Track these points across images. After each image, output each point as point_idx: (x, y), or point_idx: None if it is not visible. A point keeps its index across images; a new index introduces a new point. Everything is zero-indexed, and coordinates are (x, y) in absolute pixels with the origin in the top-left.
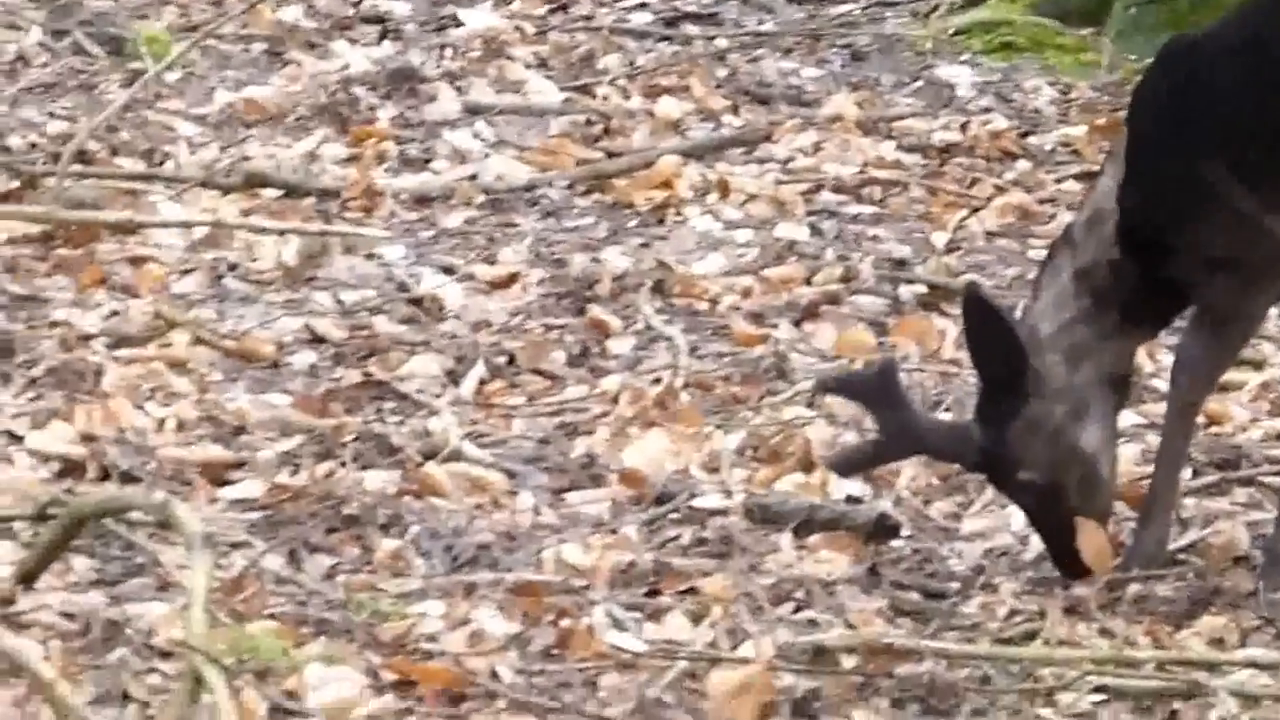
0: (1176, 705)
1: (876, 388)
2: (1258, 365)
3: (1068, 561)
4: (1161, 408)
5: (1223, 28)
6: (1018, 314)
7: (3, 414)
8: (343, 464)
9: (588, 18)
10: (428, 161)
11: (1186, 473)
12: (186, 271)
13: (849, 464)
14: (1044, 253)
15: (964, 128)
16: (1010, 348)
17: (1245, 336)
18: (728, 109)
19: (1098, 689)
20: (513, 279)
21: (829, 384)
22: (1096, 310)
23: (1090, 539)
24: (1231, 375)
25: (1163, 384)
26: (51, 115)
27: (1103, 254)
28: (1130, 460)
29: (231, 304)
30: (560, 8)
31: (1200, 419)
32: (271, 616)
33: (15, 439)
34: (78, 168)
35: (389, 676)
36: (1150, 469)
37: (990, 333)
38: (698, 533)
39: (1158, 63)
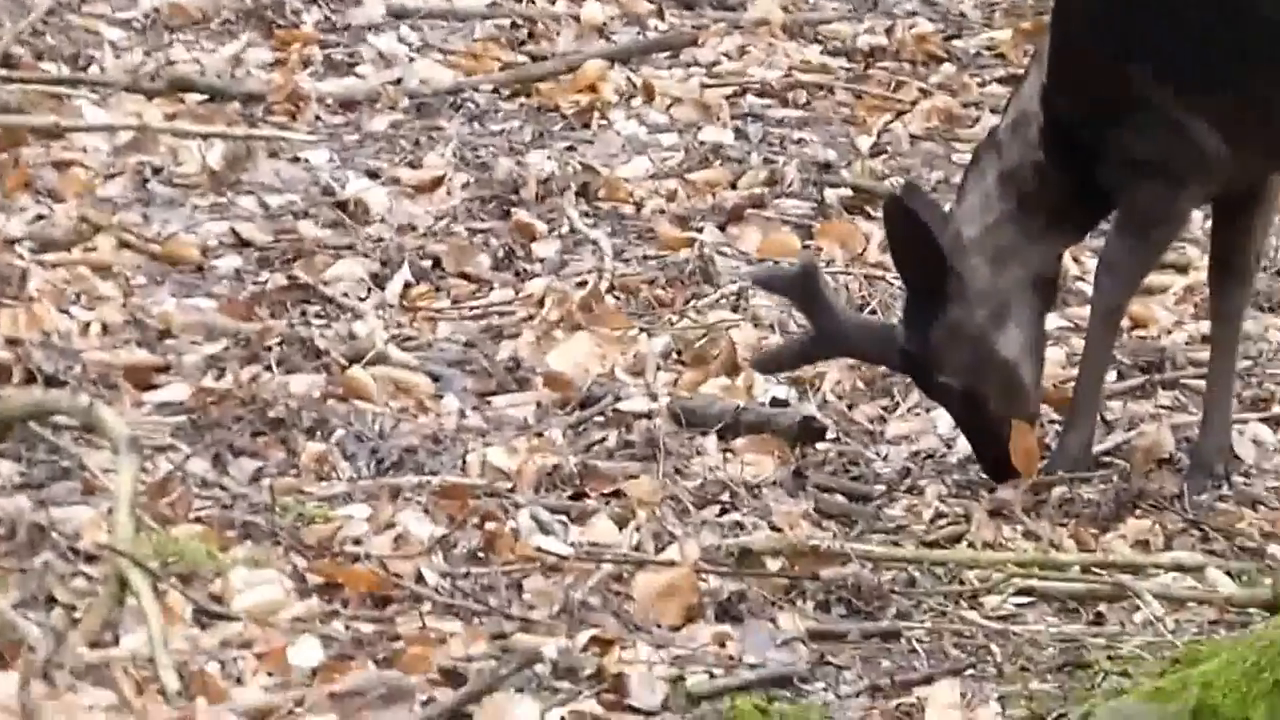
0: (1101, 607)
1: (799, 288)
2: (1182, 269)
3: (992, 463)
4: (1086, 311)
5: None
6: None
7: None
8: (268, 368)
9: None
10: (352, 65)
11: (1111, 375)
12: (111, 176)
13: (774, 363)
14: (969, 156)
15: (889, 31)
16: (929, 252)
17: (1168, 240)
18: (653, 13)
19: (1023, 591)
20: (438, 183)
21: (754, 278)
22: (1021, 213)
23: (1020, 441)
24: (1156, 278)
25: (1087, 287)
26: None
27: (1027, 157)
28: (1055, 363)
29: (156, 208)
30: None
31: (1125, 322)
32: (197, 520)
33: None
34: (2, 72)
35: (314, 579)
36: (1075, 372)
37: (910, 237)
38: (623, 436)
39: None
